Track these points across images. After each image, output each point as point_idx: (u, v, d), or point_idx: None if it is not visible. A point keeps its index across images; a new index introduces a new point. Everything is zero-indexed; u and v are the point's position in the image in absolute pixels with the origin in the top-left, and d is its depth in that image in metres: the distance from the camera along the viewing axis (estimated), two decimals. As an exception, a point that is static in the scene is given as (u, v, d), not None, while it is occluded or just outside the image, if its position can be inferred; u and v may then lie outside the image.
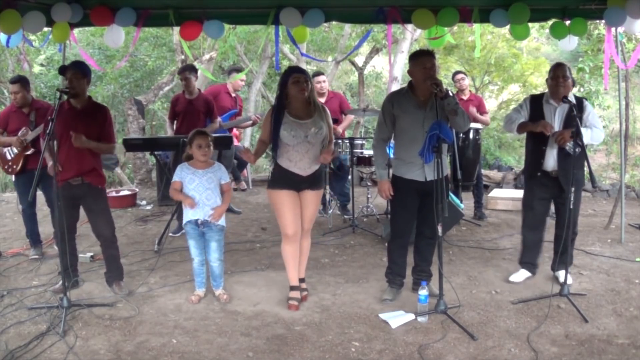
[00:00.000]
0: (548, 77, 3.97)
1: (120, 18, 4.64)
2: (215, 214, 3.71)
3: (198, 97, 5.67)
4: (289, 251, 3.72)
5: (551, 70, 3.96)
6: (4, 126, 4.67)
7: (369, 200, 6.27)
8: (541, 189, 4.02)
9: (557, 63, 4.04)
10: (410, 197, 3.70)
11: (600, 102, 9.19)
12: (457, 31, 10.62)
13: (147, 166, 8.48)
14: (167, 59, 11.95)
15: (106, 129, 3.91)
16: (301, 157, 3.59)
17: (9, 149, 4.68)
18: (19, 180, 4.74)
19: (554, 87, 3.89)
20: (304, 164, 3.61)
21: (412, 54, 3.74)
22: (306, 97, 3.58)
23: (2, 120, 4.69)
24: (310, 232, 3.86)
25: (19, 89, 4.61)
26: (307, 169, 3.63)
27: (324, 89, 6.13)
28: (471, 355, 3.07)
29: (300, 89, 3.54)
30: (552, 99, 3.93)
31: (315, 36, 10.84)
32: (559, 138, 3.76)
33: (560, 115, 3.90)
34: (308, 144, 3.59)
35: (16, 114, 4.65)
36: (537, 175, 3.99)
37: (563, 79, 3.85)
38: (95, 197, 3.90)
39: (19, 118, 4.63)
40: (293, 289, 3.76)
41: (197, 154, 3.72)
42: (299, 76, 3.54)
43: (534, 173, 4.02)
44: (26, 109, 4.66)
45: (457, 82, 6.24)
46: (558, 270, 4.08)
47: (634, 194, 7.27)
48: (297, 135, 3.55)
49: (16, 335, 3.27)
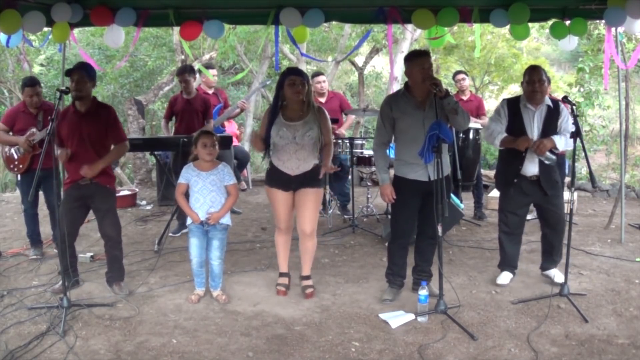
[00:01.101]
0: (523, 80, 3.90)
1: (120, 18, 4.64)
2: (212, 218, 3.71)
3: (196, 97, 5.66)
4: (280, 241, 3.97)
5: (526, 74, 3.89)
6: (11, 125, 4.67)
7: (369, 200, 6.27)
8: (520, 195, 3.97)
9: (532, 66, 3.96)
10: (412, 198, 3.69)
11: (600, 102, 9.17)
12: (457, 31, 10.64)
13: (147, 166, 8.48)
14: (167, 59, 11.95)
15: (114, 129, 3.92)
16: (289, 157, 3.67)
17: (16, 148, 4.68)
18: (24, 180, 4.73)
19: (530, 91, 3.83)
20: (292, 164, 3.68)
21: (408, 55, 3.72)
22: (301, 99, 3.61)
23: (10, 119, 4.69)
24: (315, 233, 3.86)
25: (36, 91, 4.61)
26: (296, 169, 3.69)
27: (324, 89, 6.13)
28: (471, 355, 3.07)
29: (295, 91, 3.59)
30: (529, 103, 3.87)
31: (315, 36, 10.84)
32: (539, 147, 3.73)
33: (538, 119, 3.86)
34: (296, 145, 3.65)
35: (24, 114, 4.65)
36: (513, 181, 3.94)
37: (539, 83, 3.79)
38: (103, 197, 3.90)
39: (27, 118, 4.64)
40: (282, 276, 3.98)
41: (203, 153, 3.72)
42: (295, 78, 3.59)
43: (510, 179, 3.96)
44: (34, 109, 4.66)
45: (458, 82, 6.24)
46: (548, 269, 4.12)
47: (634, 194, 7.27)
48: (285, 136, 3.63)
49: (16, 335, 3.27)
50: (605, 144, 10.03)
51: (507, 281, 4.09)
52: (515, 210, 4.03)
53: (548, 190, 3.87)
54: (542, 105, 3.86)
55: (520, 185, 3.93)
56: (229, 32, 9.02)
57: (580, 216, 6.25)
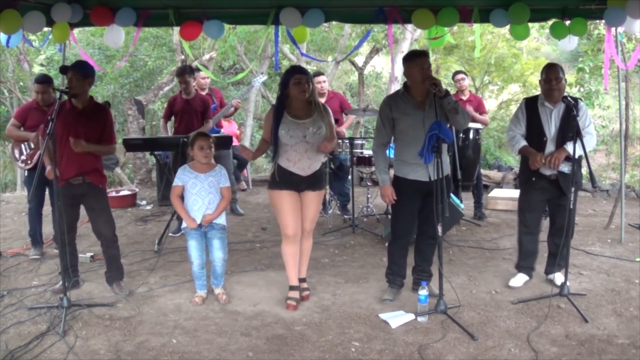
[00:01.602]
0: (540, 79, 3.91)
1: (120, 18, 4.64)
2: (204, 219, 3.70)
3: (195, 96, 5.66)
4: (288, 252, 3.73)
5: (543, 72, 3.89)
6: (23, 121, 4.70)
7: (369, 200, 6.27)
8: (538, 192, 3.97)
9: (550, 64, 3.97)
10: (413, 198, 3.69)
11: (600, 102, 9.18)
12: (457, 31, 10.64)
13: (147, 166, 8.48)
14: (167, 59, 11.95)
15: (107, 130, 3.92)
16: (300, 157, 3.60)
17: (25, 144, 4.74)
18: (31, 176, 4.76)
19: (547, 89, 3.83)
20: (303, 164, 3.61)
21: (407, 55, 3.71)
22: (307, 97, 3.58)
23: (22, 116, 4.73)
24: (311, 232, 3.85)
25: (45, 88, 4.63)
26: (307, 169, 3.63)
27: (324, 89, 6.12)
28: (471, 355, 3.07)
29: (301, 90, 3.54)
30: (547, 101, 3.87)
31: (315, 36, 10.84)
32: (552, 162, 3.75)
33: (556, 117, 3.85)
34: (307, 143, 3.59)
35: (36, 111, 4.68)
36: (532, 179, 3.94)
37: (556, 81, 3.79)
38: (96, 196, 3.90)
39: (39, 115, 4.64)
40: (292, 289, 3.78)
41: (199, 155, 3.71)
42: (301, 77, 3.54)
43: (530, 177, 3.96)
44: (46, 107, 4.66)
45: (458, 82, 6.24)
46: (552, 273, 4.06)
47: (634, 194, 7.27)
48: (295, 135, 3.56)
49: (16, 335, 3.27)
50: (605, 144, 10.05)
51: (521, 284, 4.04)
52: (533, 209, 4.03)
53: (566, 190, 3.80)
54: (559, 104, 3.82)
55: (539, 182, 3.93)
56: (229, 32, 9.03)
57: (580, 216, 6.24)
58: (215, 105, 6.27)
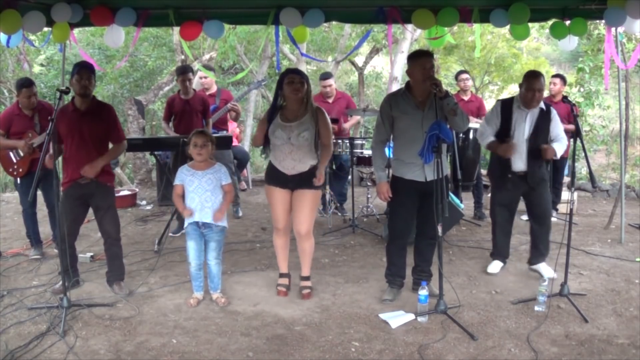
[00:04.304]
0: (522, 86, 4.06)
1: (120, 18, 4.64)
2: (215, 217, 3.71)
3: (194, 96, 5.64)
4: (278, 243, 3.98)
5: (526, 80, 4.02)
6: (6, 128, 4.58)
7: (369, 200, 6.27)
8: (512, 188, 4.20)
9: (533, 74, 4.06)
10: (410, 198, 3.70)
11: (601, 102, 9.17)
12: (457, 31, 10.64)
13: (147, 166, 8.48)
14: (167, 59, 11.96)
15: (115, 128, 3.94)
16: (284, 157, 3.70)
17: (15, 151, 4.62)
18: (23, 182, 4.68)
19: (529, 99, 4.00)
20: (287, 163, 3.71)
21: (411, 54, 3.73)
22: (300, 97, 3.64)
23: (5, 123, 4.59)
24: (311, 233, 3.86)
25: (33, 92, 4.56)
26: (291, 169, 3.71)
27: (331, 93, 6.11)
28: (471, 355, 3.07)
29: (293, 89, 3.61)
30: (524, 106, 4.06)
31: (315, 36, 10.85)
32: (547, 154, 4.00)
33: (530, 120, 4.06)
34: (291, 145, 3.67)
35: (19, 117, 4.57)
36: (507, 175, 4.17)
37: (539, 93, 3.99)
38: (103, 195, 3.91)
39: (23, 120, 4.57)
40: (282, 276, 4.00)
41: (193, 153, 3.74)
42: (294, 77, 3.63)
43: (505, 173, 4.17)
44: (29, 111, 4.60)
45: (462, 81, 6.23)
46: (536, 264, 4.29)
47: (634, 194, 7.27)
48: (280, 137, 3.67)
49: (16, 335, 3.27)
50: (605, 144, 10.04)
51: (497, 270, 4.33)
52: (506, 204, 4.29)
53: (534, 185, 4.11)
54: (535, 108, 4.06)
55: (512, 179, 4.17)
56: (229, 32, 9.03)
57: (580, 216, 6.25)
58: (215, 106, 6.27)
